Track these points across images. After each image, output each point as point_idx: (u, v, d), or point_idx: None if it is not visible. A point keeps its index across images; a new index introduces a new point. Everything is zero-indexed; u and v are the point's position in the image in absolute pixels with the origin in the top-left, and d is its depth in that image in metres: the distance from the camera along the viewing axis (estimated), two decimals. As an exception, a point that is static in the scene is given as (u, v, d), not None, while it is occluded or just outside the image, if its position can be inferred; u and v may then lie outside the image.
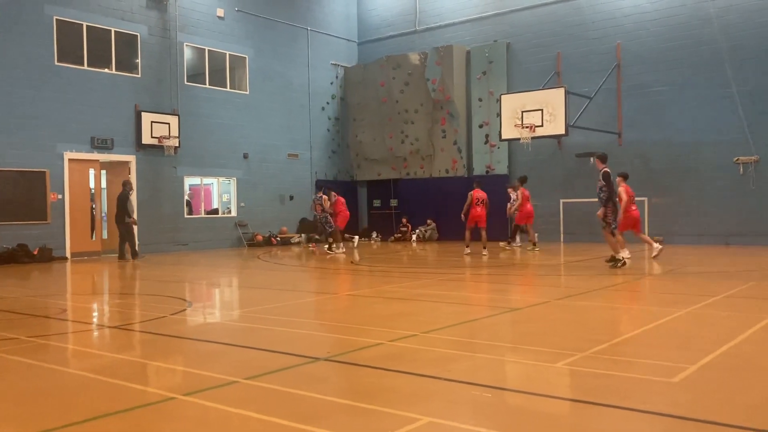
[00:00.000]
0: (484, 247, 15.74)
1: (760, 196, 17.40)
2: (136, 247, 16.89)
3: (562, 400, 4.26)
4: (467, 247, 16.19)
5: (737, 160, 17.65)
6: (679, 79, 18.58)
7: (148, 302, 9.53)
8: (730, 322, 6.73)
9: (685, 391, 4.22)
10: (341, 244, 17.91)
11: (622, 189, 13.55)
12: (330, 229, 17.57)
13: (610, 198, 12.10)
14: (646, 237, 14.24)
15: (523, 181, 17.58)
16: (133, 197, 17.38)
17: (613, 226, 12.06)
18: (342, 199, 18.42)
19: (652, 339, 5.99)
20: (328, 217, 17.52)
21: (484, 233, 16.11)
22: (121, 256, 16.62)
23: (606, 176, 12.07)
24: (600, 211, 12.29)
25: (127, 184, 17.06)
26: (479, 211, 16.08)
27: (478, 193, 16.25)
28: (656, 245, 13.66)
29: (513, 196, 17.55)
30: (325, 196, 17.54)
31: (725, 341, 5.57)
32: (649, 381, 4.48)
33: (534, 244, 17.01)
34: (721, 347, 5.36)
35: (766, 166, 17.32)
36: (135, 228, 17.24)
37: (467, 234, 16.38)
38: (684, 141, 18.44)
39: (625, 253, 12.72)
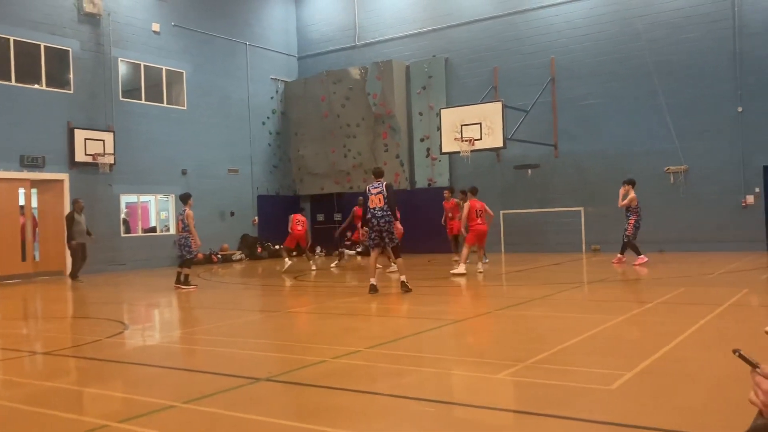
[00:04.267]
0: None
1: (690, 205, 18.08)
2: (77, 270, 16.21)
3: (504, 411, 4.29)
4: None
5: (667, 169, 18.32)
6: (610, 92, 19.20)
7: (83, 325, 9.20)
8: (664, 327, 6.94)
9: (623, 398, 4.31)
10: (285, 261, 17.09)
11: (467, 204, 13.99)
12: (189, 256, 13.20)
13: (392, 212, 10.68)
14: (465, 254, 13.87)
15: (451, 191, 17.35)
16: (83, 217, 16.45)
17: (369, 244, 10.62)
18: (296, 217, 17.49)
19: (590, 347, 6.11)
20: (189, 238, 13.10)
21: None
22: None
23: (388, 187, 10.68)
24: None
25: (74, 204, 16.41)
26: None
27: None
28: (462, 267, 13.57)
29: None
30: (189, 212, 13.17)
31: (660, 347, 5.73)
32: (587, 389, 4.56)
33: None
34: (656, 353, 5.51)
35: (694, 175, 18.02)
36: (81, 249, 16.28)
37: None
38: (617, 152, 19.03)
39: (461, 268, 13.39)
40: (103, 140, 18.74)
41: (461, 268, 13.49)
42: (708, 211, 17.73)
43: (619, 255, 15.21)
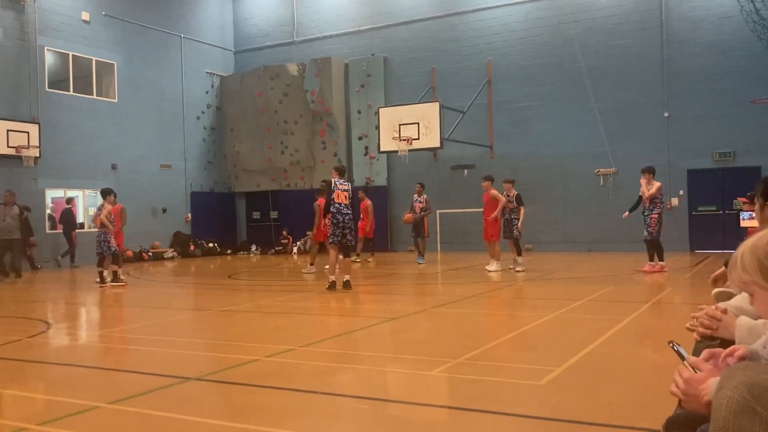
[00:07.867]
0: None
1: (618, 206, 18.60)
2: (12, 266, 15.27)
3: (438, 407, 4.31)
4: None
5: (598, 171, 18.88)
6: (545, 95, 19.64)
7: (1, 325, 8.77)
8: (593, 324, 7.12)
9: (552, 393, 4.40)
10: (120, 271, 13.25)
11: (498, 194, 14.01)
12: (108, 252, 12.64)
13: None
14: (499, 250, 13.74)
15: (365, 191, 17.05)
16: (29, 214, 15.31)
17: (330, 240, 10.66)
18: (119, 207, 13.58)
19: (521, 343, 6.22)
20: (108, 234, 12.62)
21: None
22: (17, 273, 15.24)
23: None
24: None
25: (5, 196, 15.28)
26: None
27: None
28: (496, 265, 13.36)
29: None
30: (109, 205, 12.80)
31: (588, 343, 5.88)
32: (518, 384, 4.63)
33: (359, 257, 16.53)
34: (584, 349, 5.64)
35: (623, 178, 18.61)
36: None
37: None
38: (550, 154, 19.48)
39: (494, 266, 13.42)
40: (28, 132, 17.95)
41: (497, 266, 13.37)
42: (635, 213, 18.27)
43: (649, 263, 12.74)
